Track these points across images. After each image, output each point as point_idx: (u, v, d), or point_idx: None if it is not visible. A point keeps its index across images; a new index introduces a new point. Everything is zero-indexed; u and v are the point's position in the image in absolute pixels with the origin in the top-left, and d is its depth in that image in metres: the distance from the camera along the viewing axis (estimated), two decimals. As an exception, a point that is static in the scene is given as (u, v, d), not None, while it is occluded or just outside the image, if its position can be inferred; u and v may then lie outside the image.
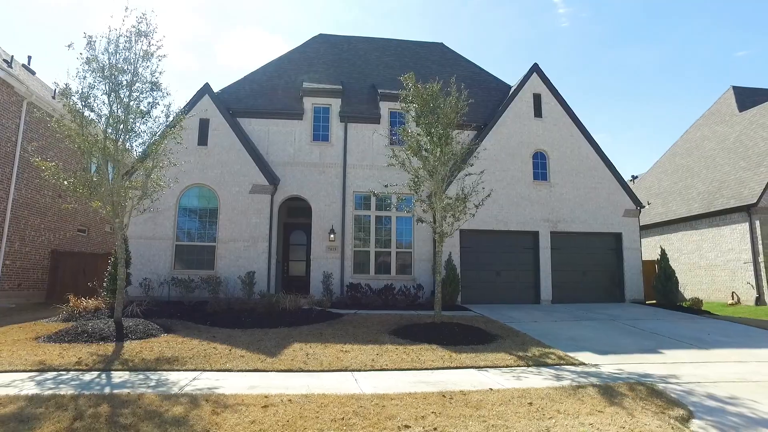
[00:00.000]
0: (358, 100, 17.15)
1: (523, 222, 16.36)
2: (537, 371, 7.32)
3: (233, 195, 14.72)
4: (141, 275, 13.62)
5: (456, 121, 10.68)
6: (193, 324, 10.18)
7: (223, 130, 15.14)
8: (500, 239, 16.31)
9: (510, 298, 15.95)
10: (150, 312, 10.90)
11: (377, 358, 7.77)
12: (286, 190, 15.41)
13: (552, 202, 16.68)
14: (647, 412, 5.34)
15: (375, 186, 15.75)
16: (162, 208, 14.30)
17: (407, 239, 15.82)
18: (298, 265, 18.79)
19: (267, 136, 15.73)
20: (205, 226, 14.66)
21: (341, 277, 15.08)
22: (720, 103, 26.25)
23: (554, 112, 17.39)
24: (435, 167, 10.25)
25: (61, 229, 18.09)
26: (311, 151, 15.80)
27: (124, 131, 9.43)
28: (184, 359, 7.30)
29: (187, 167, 14.65)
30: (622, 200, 17.23)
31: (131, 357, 7.35)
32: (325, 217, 15.43)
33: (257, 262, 14.34)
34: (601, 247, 17.12)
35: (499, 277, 16.19)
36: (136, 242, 13.94)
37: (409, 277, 15.45)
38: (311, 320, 10.75)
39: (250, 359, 7.44)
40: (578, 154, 17.24)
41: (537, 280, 16.23)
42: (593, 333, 10.64)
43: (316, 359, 7.56)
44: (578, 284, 16.66)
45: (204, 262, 14.41)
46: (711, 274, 20.25)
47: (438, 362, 7.63)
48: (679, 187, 23.92)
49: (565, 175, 16.96)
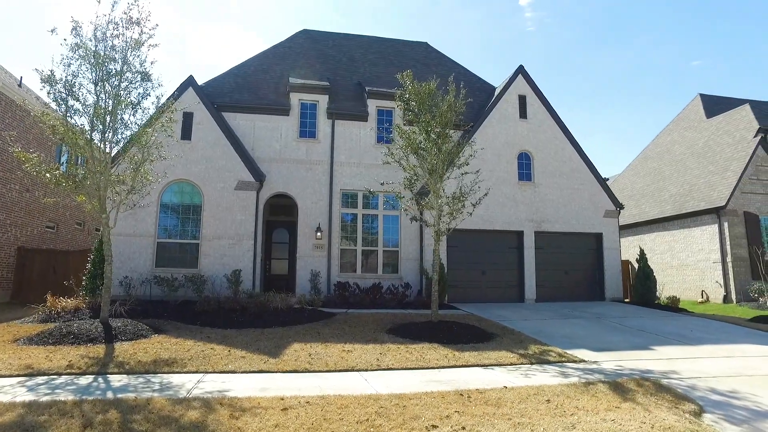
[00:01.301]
0: (345, 97, 16.96)
1: (508, 222, 16.55)
2: (542, 369, 7.38)
3: (218, 191, 14.30)
4: (121, 273, 13.07)
5: (453, 120, 10.69)
6: (182, 324, 9.81)
7: (207, 124, 14.69)
8: (486, 239, 16.45)
9: (495, 297, 16.10)
10: (135, 312, 10.45)
11: (381, 357, 7.66)
12: (272, 187, 15.09)
13: (536, 203, 16.93)
14: (661, 408, 5.43)
15: (363, 184, 15.65)
16: (143, 204, 13.74)
17: (394, 238, 15.76)
18: (280, 264, 18.43)
19: (252, 132, 15.36)
20: (188, 222, 14.19)
21: (328, 276, 14.88)
22: (688, 110, 27.30)
23: (539, 113, 17.66)
24: (434, 165, 10.21)
25: (29, 225, 17.19)
26: (298, 148, 15.53)
27: (113, 123, 8.99)
28: (183, 361, 7.00)
29: (169, 162, 14.07)
30: (602, 201, 17.66)
31: (126, 359, 7.00)
32: (312, 214, 15.19)
33: (242, 260, 13.99)
34: (582, 247, 17.50)
35: (484, 276, 16.32)
36: (116, 239, 13.29)
37: (396, 276, 15.39)
38: (305, 320, 10.54)
39: (253, 360, 7.20)
40: (562, 155, 17.57)
41: (521, 279, 16.45)
42: (584, 331, 10.83)
43: (321, 359, 7.39)
44: (560, 283, 16.98)
45: (187, 260, 13.95)
46: (682, 274, 21.02)
47: (443, 361, 7.59)
48: (652, 189, 24.73)
49: (549, 176, 17.26)
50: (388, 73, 18.75)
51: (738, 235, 18.93)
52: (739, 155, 20.21)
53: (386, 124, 16.40)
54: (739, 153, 20.32)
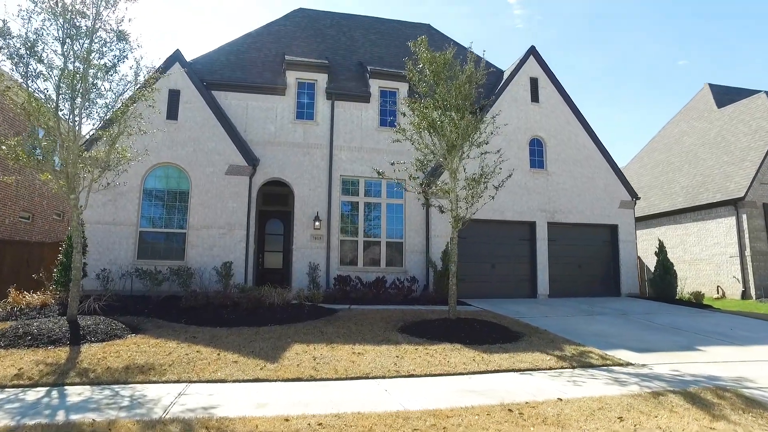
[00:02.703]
0: (345, 77, 15.74)
1: (520, 212, 15.46)
2: (589, 374, 6.27)
3: (207, 176, 13.03)
4: (99, 265, 11.78)
5: (473, 94, 9.56)
6: (165, 322, 8.59)
7: (196, 103, 13.40)
8: (496, 230, 15.35)
9: (506, 292, 15.02)
10: (111, 308, 9.21)
11: (399, 361, 6.51)
12: (266, 172, 13.85)
13: (549, 192, 15.86)
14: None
15: (364, 170, 14.47)
16: (124, 190, 12.49)
17: (398, 228, 14.59)
18: (274, 257, 17.22)
19: (245, 112, 14.09)
20: (174, 210, 12.91)
21: (327, 269, 13.69)
22: (697, 100, 26.39)
23: (552, 97, 16.58)
24: (453, 141, 9.06)
25: (0, 215, 15.79)
26: (294, 130, 14.29)
27: (83, 89, 7.72)
28: (163, 367, 5.80)
29: (153, 144, 12.81)
30: (618, 191, 16.63)
31: (92, 366, 5.78)
32: (310, 203, 13.98)
33: (234, 252, 12.75)
34: (596, 239, 16.48)
35: (494, 269, 15.23)
36: (93, 228, 12.07)
37: (401, 270, 14.24)
38: (304, 317, 9.36)
39: (247, 366, 6.02)
40: (575, 142, 16.51)
41: (533, 273, 15.38)
42: (614, 329, 9.77)
43: (328, 364, 6.22)
44: (574, 278, 15.94)
45: (173, 251, 12.68)
46: (695, 269, 20.10)
47: (471, 365, 6.46)
48: (661, 182, 23.80)
49: (563, 164, 16.19)
50: (390, 54, 17.57)
51: (757, 227, 18.02)
52: (757, 145, 19.28)
53: (390, 106, 15.23)
54: (757, 142, 19.39)
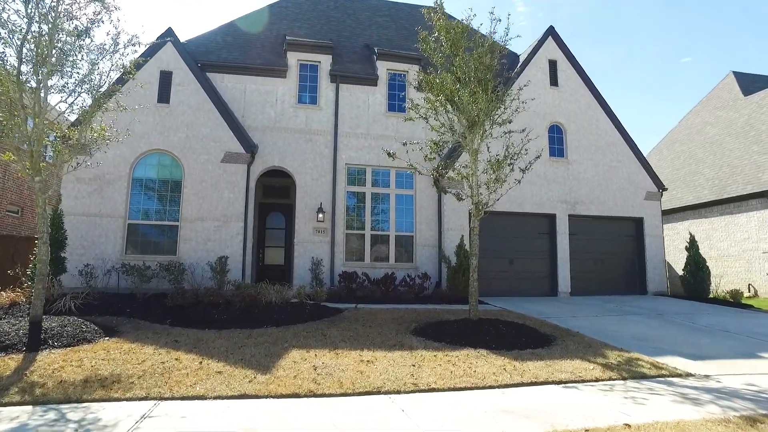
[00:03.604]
0: (350, 59, 14.67)
1: (539, 203, 14.34)
2: (645, 387, 5.19)
3: (201, 164, 12.02)
4: (82, 261, 10.79)
5: (495, 65, 8.49)
6: (147, 323, 7.58)
7: (189, 85, 12.38)
8: (514, 223, 14.24)
9: (524, 290, 13.92)
10: (90, 307, 8.22)
11: (416, 371, 5.45)
12: (265, 160, 12.81)
13: (570, 182, 14.73)
14: None
15: (371, 158, 13.42)
16: (111, 179, 11.51)
17: (408, 221, 13.52)
18: (274, 253, 16.20)
19: (243, 96, 13.06)
20: (165, 201, 11.90)
21: (331, 265, 12.64)
22: (720, 89, 25.09)
23: (571, 81, 15.44)
24: (475, 117, 7.98)
25: (-16, 207, 14.88)
26: (296, 115, 13.24)
27: (49, 55, 6.70)
28: (131, 379, 4.77)
29: (143, 129, 11.86)
30: (643, 181, 15.48)
31: (43, 378, 4.76)
32: (313, 193, 12.93)
33: (230, 246, 11.73)
34: (620, 233, 15.35)
35: (512, 265, 14.12)
36: (76, 220, 11.09)
37: (411, 266, 13.17)
38: (305, 317, 8.32)
39: (233, 377, 4.98)
40: (597, 128, 15.37)
41: (554, 270, 14.26)
42: (654, 331, 8.65)
43: (331, 375, 5.17)
44: (596, 274, 14.81)
45: (164, 245, 11.68)
46: (723, 265, 18.86)
47: (503, 376, 5.39)
48: (683, 174, 22.57)
49: (584, 152, 15.05)
50: (400, 37, 16.49)
51: (793, 221, 16.78)
52: (790, 132, 18.03)
53: (399, 90, 14.15)
54: (790, 130, 18.13)
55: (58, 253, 9.52)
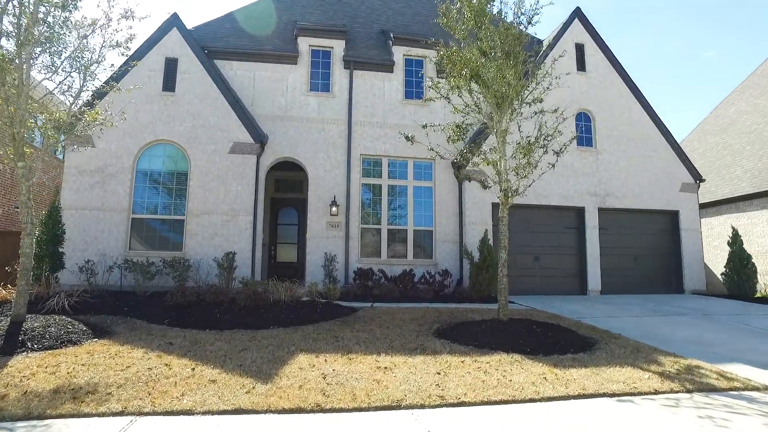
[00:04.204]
0: (365, 45, 13.92)
1: (566, 195, 13.40)
2: (719, 402, 4.32)
3: (208, 155, 11.40)
4: (83, 257, 10.24)
5: (523, 40, 7.67)
6: (144, 323, 6.93)
7: (195, 73, 11.77)
8: (539, 216, 13.34)
9: (551, 288, 13.02)
10: (86, 305, 7.62)
11: (442, 380, 4.67)
12: (275, 151, 12.14)
13: (599, 173, 13.75)
14: None
15: (388, 148, 12.66)
16: (114, 171, 10.96)
17: (427, 215, 12.71)
18: (287, 250, 15.59)
19: (252, 84, 12.41)
20: (171, 194, 11.31)
21: (346, 262, 11.91)
22: (758, 75, 23.72)
23: (600, 66, 14.44)
24: (504, 94, 7.16)
25: (-7, 204, 14.50)
26: (308, 104, 12.54)
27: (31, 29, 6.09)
28: (109, 389, 4.09)
29: (148, 119, 11.29)
30: (678, 172, 14.42)
31: (7, 387, 4.09)
32: (326, 185, 12.21)
33: (238, 241, 11.08)
34: (654, 227, 14.31)
35: (537, 262, 13.22)
36: (78, 214, 10.56)
37: (431, 262, 12.36)
38: (316, 317, 7.59)
39: (228, 387, 4.26)
40: (628, 116, 14.35)
41: (583, 266, 13.31)
42: (708, 334, 7.70)
43: (342, 385, 4.43)
44: (629, 272, 13.81)
45: (170, 240, 11.08)
46: (764, 262, 17.61)
47: (544, 386, 4.57)
48: (718, 166, 21.28)
49: (614, 141, 14.06)
50: (416, 23, 15.70)
51: (844, 214, 15.52)
52: (839, 119, 16.71)
53: (416, 77, 13.35)
54: (838, 116, 16.81)
55: (56, 249, 8.97)
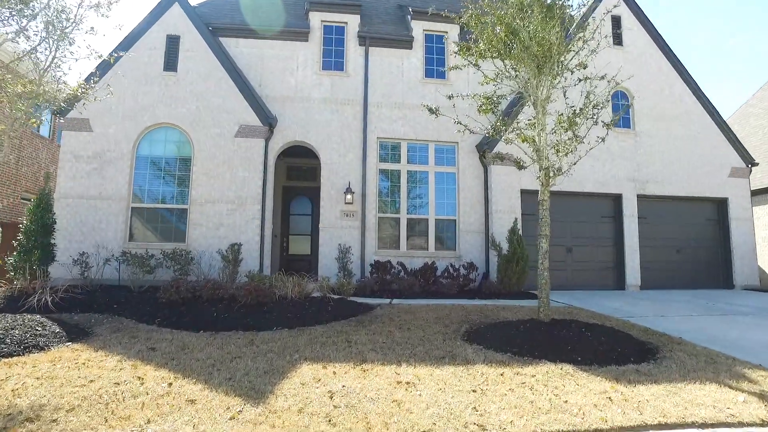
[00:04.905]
0: (381, 20, 12.90)
1: (602, 182, 12.22)
2: None
3: (212, 139, 10.56)
4: (79, 249, 9.52)
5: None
6: (132, 322, 6.12)
7: (199, 51, 10.93)
8: (572, 205, 12.19)
9: (585, 282, 11.91)
10: (73, 302, 6.86)
11: (479, 400, 3.70)
12: (285, 135, 11.24)
13: (638, 157, 12.53)
14: None
15: (407, 131, 11.67)
16: (112, 157, 10.20)
17: (450, 203, 11.69)
18: (300, 242, 14.73)
19: (260, 63, 11.51)
20: (173, 182, 10.51)
21: (361, 253, 10.99)
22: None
23: (639, 40, 13.15)
24: (545, 54, 6.11)
25: (1, 195, 13.97)
26: (320, 83, 11.59)
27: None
28: (56, 413, 3.23)
29: (148, 100, 10.50)
30: (727, 155, 13.09)
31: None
32: (339, 171, 11.28)
33: (245, 232, 10.24)
34: (699, 216, 13.03)
35: (570, 254, 12.10)
36: (74, 203, 9.85)
37: (454, 254, 11.36)
38: (327, 316, 6.68)
39: (208, 410, 3.37)
40: (670, 94, 13.05)
41: (620, 259, 12.14)
42: (783, 337, 6.57)
43: (353, 409, 3.49)
44: (671, 265, 12.60)
45: (172, 231, 10.31)
46: (817, 255, 16.14)
47: (611, 411, 3.56)
48: (763, 152, 19.71)
49: (654, 122, 12.79)
50: None
51: None
52: None
53: (437, 53, 12.30)
54: None
55: (46, 240, 8.22)
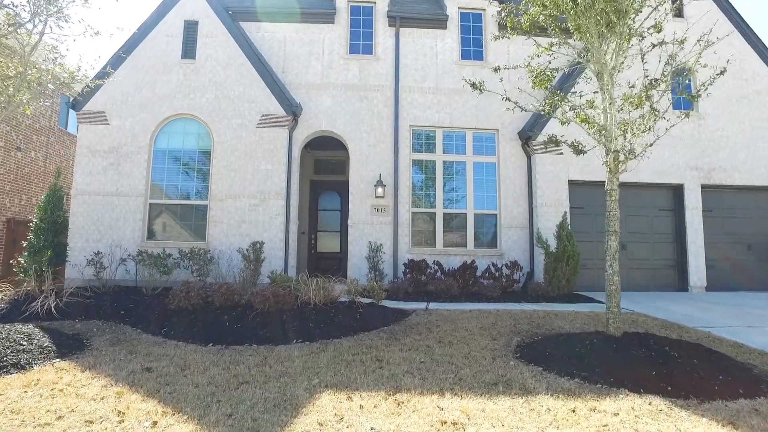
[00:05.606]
0: None
1: (659, 170, 10.92)
2: None
3: (233, 130, 9.89)
4: (95, 248, 9.01)
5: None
6: (136, 333, 5.45)
7: (218, 37, 10.27)
8: (625, 196, 10.85)
9: (640, 283, 10.69)
10: (79, 307, 6.28)
11: (552, 456, 2.77)
12: (310, 124, 10.47)
13: (702, 142, 11.15)
14: None
15: (442, 118, 10.70)
16: (129, 151, 9.67)
17: (490, 196, 10.67)
18: (329, 239, 13.96)
19: (283, 47, 10.76)
20: (192, 176, 9.91)
21: (394, 252, 10.12)
22: None
23: (704, 9, 11.71)
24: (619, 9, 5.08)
25: (22, 192, 13.79)
26: (347, 68, 10.76)
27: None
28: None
29: (165, 90, 9.92)
30: (807, 138, 11.54)
31: None
32: (369, 163, 10.43)
33: (269, 229, 9.54)
34: (774, 208, 11.56)
35: (624, 251, 10.88)
36: (91, 200, 9.36)
37: (495, 252, 10.35)
38: (355, 325, 5.84)
39: (197, 465, 2.57)
40: (740, 71, 11.57)
41: (682, 257, 10.84)
42: None
43: (386, 465, 2.63)
44: (740, 263, 11.18)
45: (192, 228, 9.71)
46: None
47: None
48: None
49: (722, 103, 11.37)
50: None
51: None
52: None
53: (474, 33, 11.26)
54: None
55: (57, 239, 7.73)
